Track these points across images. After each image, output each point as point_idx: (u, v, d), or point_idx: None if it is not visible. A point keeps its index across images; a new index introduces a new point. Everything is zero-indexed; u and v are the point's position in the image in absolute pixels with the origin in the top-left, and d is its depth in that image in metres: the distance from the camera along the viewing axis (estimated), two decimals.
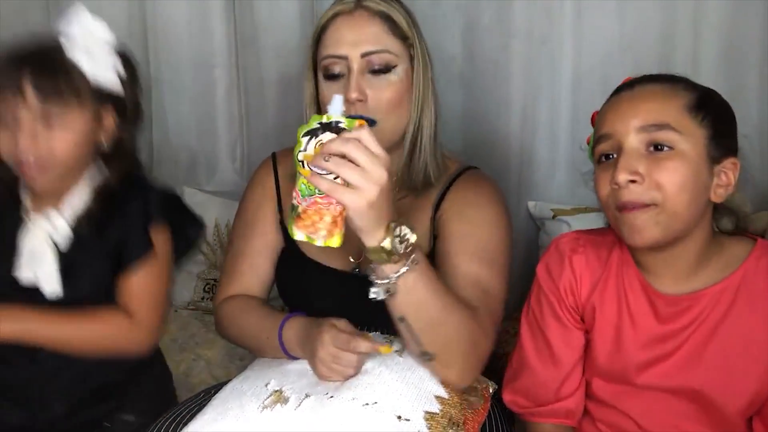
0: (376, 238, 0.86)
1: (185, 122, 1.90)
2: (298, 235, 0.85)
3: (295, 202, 0.86)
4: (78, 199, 1.09)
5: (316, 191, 0.84)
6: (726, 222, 0.98)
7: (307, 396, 0.95)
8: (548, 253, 1.07)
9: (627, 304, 1.00)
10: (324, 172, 0.82)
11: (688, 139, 0.90)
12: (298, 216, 0.85)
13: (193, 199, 1.67)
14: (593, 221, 1.16)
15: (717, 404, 0.97)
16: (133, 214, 1.09)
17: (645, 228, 0.90)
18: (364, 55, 1.05)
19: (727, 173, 0.93)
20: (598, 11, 1.48)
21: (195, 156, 1.91)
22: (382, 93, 1.06)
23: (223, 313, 1.18)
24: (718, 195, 0.93)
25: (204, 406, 1.02)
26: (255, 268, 1.18)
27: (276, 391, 0.98)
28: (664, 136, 0.90)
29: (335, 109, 0.86)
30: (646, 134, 0.91)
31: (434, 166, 1.12)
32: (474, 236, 1.07)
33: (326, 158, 0.81)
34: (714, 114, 0.92)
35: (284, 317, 1.08)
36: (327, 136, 0.84)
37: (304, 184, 0.84)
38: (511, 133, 1.60)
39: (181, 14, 1.81)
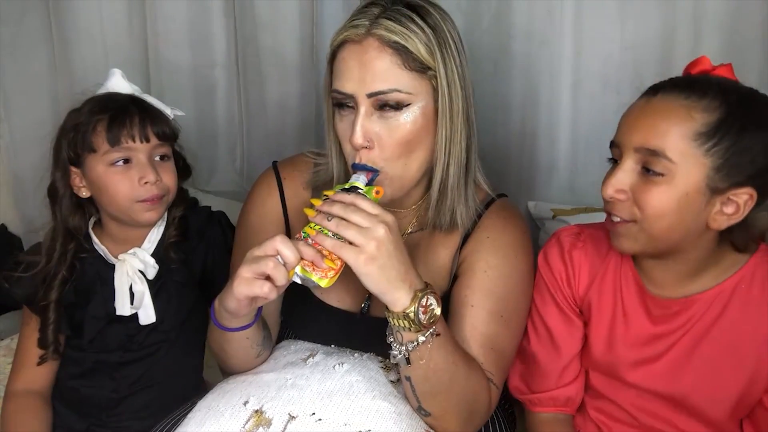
0: (401, 303, 0.85)
1: (185, 122, 1.89)
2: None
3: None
4: (155, 234, 1.21)
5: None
6: (741, 240, 0.95)
7: (291, 417, 0.91)
8: (549, 244, 1.09)
9: (622, 301, 1.02)
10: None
11: (684, 168, 0.86)
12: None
13: None
14: (593, 221, 1.17)
15: (702, 411, 0.99)
16: (213, 241, 1.24)
17: (624, 239, 0.93)
18: (370, 96, 0.93)
19: (738, 204, 0.88)
20: (598, 11, 1.47)
21: (195, 156, 1.90)
22: (389, 137, 0.95)
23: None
24: (717, 222, 0.90)
25: (177, 424, 0.97)
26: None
27: (256, 411, 0.93)
28: (656, 163, 0.87)
29: (359, 179, 0.95)
30: (640, 155, 0.89)
31: (464, 210, 1.04)
32: (495, 292, 1.02)
33: (329, 218, 0.85)
34: (731, 142, 0.86)
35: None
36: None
37: (307, 234, 0.88)
38: (510, 133, 1.60)
39: (181, 14, 1.81)
